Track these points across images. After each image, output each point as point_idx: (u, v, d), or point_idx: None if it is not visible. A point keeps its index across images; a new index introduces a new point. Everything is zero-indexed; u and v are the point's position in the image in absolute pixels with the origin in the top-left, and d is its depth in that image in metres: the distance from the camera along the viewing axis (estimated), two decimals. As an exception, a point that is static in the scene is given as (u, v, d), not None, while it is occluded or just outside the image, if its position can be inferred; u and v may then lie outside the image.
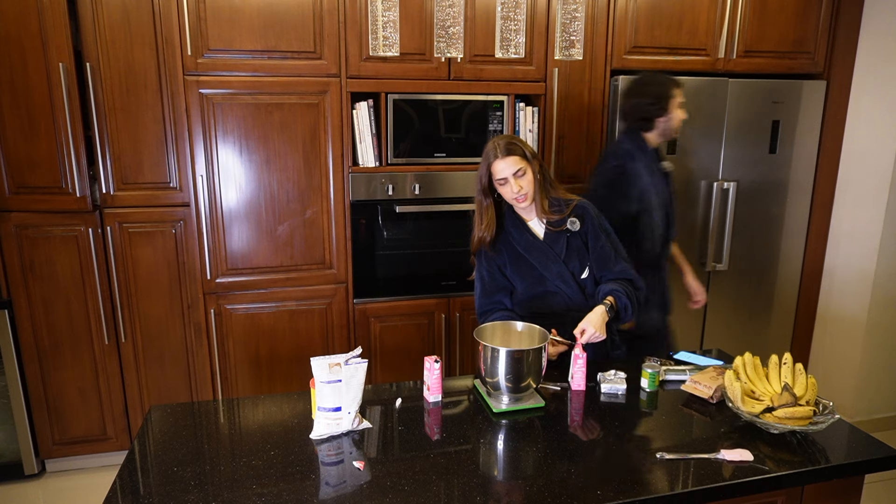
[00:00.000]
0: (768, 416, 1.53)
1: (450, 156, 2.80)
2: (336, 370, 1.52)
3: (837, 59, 3.13)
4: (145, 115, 2.52)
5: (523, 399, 1.70)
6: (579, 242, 1.96)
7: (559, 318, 1.94)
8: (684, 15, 2.91)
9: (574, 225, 1.95)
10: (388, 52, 1.62)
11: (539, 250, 1.95)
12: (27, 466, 2.71)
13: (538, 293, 1.97)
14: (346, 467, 1.42)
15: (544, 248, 1.95)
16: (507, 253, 1.98)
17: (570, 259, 1.95)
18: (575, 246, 1.95)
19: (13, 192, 2.51)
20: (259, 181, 2.62)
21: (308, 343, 2.81)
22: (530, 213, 1.97)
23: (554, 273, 1.94)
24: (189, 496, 1.30)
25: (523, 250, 1.95)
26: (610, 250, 1.96)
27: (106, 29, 2.41)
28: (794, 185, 3.22)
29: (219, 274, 2.66)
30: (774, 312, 3.36)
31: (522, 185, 1.86)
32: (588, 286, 1.98)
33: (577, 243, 1.96)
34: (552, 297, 1.97)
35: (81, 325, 2.66)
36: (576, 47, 1.68)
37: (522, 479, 1.37)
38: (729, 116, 3.05)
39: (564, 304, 1.97)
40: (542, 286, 1.96)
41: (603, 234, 1.97)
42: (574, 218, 1.95)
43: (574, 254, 1.95)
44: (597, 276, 1.98)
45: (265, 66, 2.53)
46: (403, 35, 2.59)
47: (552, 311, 1.97)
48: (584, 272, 1.96)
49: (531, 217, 1.98)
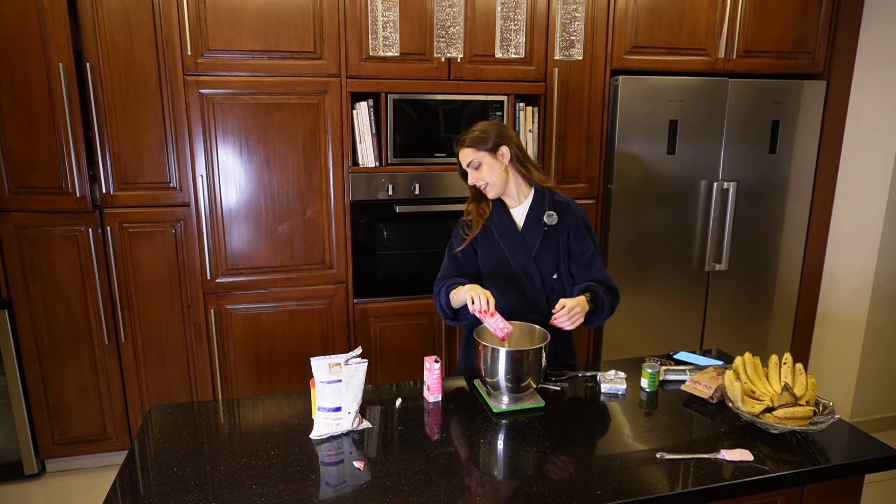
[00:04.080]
0: (768, 416, 1.53)
1: (450, 156, 2.80)
2: (336, 370, 1.52)
3: (837, 59, 3.13)
4: (145, 115, 2.52)
5: (523, 399, 1.70)
6: (557, 241, 1.90)
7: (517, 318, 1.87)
8: (684, 15, 2.91)
9: (550, 218, 1.89)
10: (388, 52, 1.62)
11: (512, 238, 1.91)
12: (27, 466, 2.71)
13: (500, 277, 1.92)
14: (346, 467, 1.42)
15: (517, 238, 1.91)
16: (483, 231, 1.94)
17: (541, 255, 1.90)
18: (552, 244, 1.90)
19: (13, 192, 2.51)
20: (259, 181, 2.62)
21: (308, 343, 2.81)
22: (510, 200, 1.95)
23: (520, 264, 1.90)
24: (189, 496, 1.30)
25: (498, 234, 1.92)
26: (595, 255, 1.92)
27: (106, 29, 2.41)
28: (794, 185, 3.22)
29: (219, 274, 2.66)
30: (774, 312, 3.36)
31: (479, 176, 1.88)
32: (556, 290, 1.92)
33: (555, 242, 1.90)
34: (514, 289, 1.91)
35: (81, 325, 2.66)
36: (576, 47, 1.68)
37: (522, 479, 1.37)
38: (729, 116, 3.05)
39: (524, 302, 1.92)
40: (508, 269, 1.92)
41: (588, 236, 1.93)
42: (551, 212, 1.90)
43: (548, 251, 1.90)
44: (576, 278, 1.92)
45: (265, 66, 2.53)
46: (403, 35, 2.59)
47: (511, 308, 1.91)
48: (554, 273, 1.91)
49: (513, 204, 1.95)
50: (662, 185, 3.04)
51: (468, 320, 1.90)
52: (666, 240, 3.11)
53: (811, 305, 3.37)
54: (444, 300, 1.88)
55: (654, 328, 3.20)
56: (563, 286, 1.93)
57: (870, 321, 3.11)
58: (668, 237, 3.11)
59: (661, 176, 3.03)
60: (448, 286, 1.87)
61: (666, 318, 3.20)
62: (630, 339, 3.17)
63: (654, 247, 3.10)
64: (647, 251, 3.09)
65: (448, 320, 1.93)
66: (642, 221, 3.05)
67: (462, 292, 1.76)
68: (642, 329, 3.18)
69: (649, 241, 3.09)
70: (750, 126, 3.09)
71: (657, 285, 3.15)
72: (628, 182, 3.00)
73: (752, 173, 3.14)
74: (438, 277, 1.97)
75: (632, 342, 3.18)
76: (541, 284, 1.91)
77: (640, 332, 3.18)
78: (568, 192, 2.94)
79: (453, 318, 1.92)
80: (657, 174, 3.02)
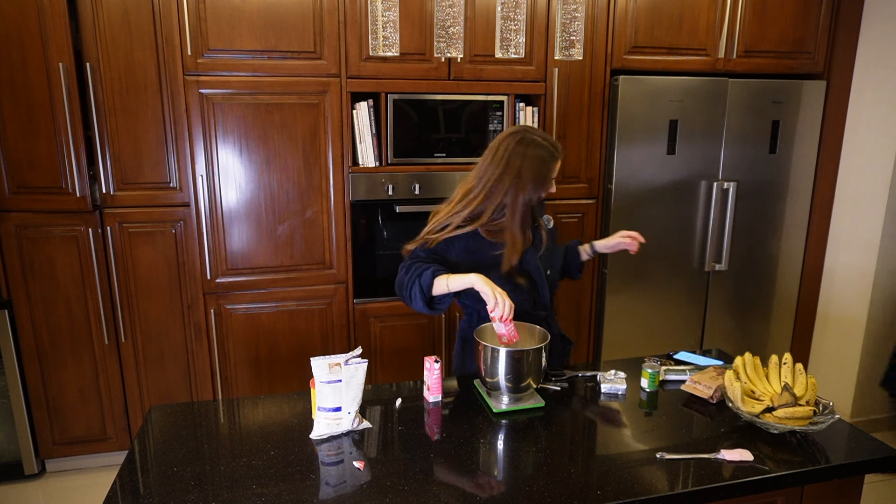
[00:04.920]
0: (768, 416, 1.53)
1: (450, 156, 2.80)
2: (336, 370, 1.52)
3: (837, 59, 3.13)
4: (145, 115, 2.52)
5: (523, 399, 1.70)
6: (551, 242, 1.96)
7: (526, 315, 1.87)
8: (684, 15, 2.91)
9: (549, 223, 1.95)
10: (388, 52, 1.62)
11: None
12: (27, 466, 2.71)
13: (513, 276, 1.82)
14: (346, 467, 1.42)
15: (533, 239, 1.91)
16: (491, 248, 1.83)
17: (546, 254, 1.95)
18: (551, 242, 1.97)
19: (13, 192, 2.51)
20: (259, 181, 2.62)
21: (308, 343, 2.81)
22: None
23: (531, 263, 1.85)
24: (189, 496, 1.30)
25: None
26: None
27: (106, 29, 2.41)
28: (794, 186, 3.22)
29: (219, 274, 2.66)
30: (774, 312, 3.36)
31: None
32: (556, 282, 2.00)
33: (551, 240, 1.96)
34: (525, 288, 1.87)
35: (81, 325, 2.66)
36: (576, 47, 1.68)
37: (522, 479, 1.37)
38: (729, 116, 3.05)
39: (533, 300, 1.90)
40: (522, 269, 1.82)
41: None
42: (549, 216, 1.97)
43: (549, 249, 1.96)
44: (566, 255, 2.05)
45: (265, 66, 2.53)
46: (403, 35, 2.59)
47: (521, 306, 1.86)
48: (547, 270, 1.95)
49: None
50: (662, 185, 3.04)
51: (443, 310, 1.77)
52: (666, 240, 3.11)
53: (811, 305, 3.37)
54: (427, 282, 1.69)
55: (654, 328, 3.20)
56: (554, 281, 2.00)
57: (870, 321, 3.10)
58: (667, 237, 3.11)
59: (661, 176, 3.03)
60: (435, 270, 1.70)
61: (666, 318, 3.20)
62: (630, 339, 3.17)
63: (653, 247, 3.10)
64: (646, 251, 3.08)
65: (417, 305, 1.72)
66: (642, 221, 3.05)
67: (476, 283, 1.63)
68: (642, 329, 3.18)
69: (649, 241, 3.07)
70: (750, 126, 3.09)
71: (657, 285, 3.15)
72: (628, 182, 3.00)
73: (752, 173, 3.14)
74: (413, 260, 1.78)
75: (632, 342, 3.18)
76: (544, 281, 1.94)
77: (640, 332, 3.18)
78: (568, 192, 2.96)
79: (428, 305, 1.73)
80: (657, 174, 3.02)
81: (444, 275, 1.69)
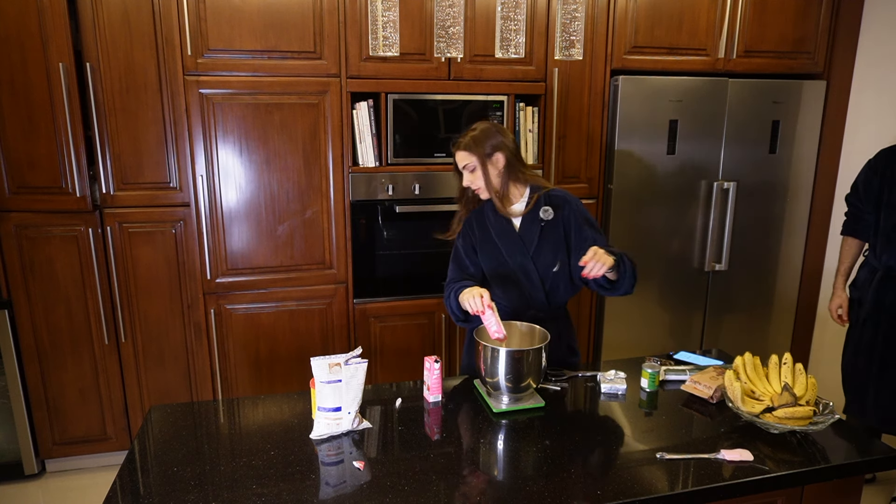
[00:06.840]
0: (768, 416, 1.53)
1: (450, 156, 2.79)
2: (336, 370, 1.52)
3: (837, 59, 3.13)
4: (145, 115, 2.52)
5: (523, 399, 1.70)
6: (557, 234, 1.91)
7: (516, 316, 1.92)
8: (684, 15, 2.91)
9: (546, 213, 1.90)
10: (388, 52, 1.62)
11: (509, 238, 1.92)
12: (27, 466, 2.71)
13: (500, 276, 1.95)
14: (346, 467, 1.42)
15: (514, 238, 1.92)
16: (481, 232, 1.96)
17: (540, 251, 1.91)
18: (551, 238, 1.91)
19: (13, 192, 2.51)
20: (259, 181, 2.62)
21: (308, 343, 2.81)
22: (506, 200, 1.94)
23: (517, 263, 1.92)
24: (189, 496, 1.30)
25: (496, 235, 1.94)
26: (597, 240, 1.86)
27: (106, 29, 2.41)
28: (794, 186, 3.22)
29: (219, 274, 2.66)
30: (774, 312, 3.36)
31: (472, 180, 1.90)
32: (558, 284, 1.93)
33: (554, 235, 1.91)
34: (513, 287, 1.94)
35: (81, 326, 2.66)
36: (576, 47, 1.68)
37: (522, 479, 1.37)
38: (729, 116, 3.05)
39: (524, 299, 1.94)
40: (506, 268, 1.94)
41: (587, 225, 1.91)
42: (547, 206, 1.91)
43: (547, 245, 1.91)
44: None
45: (265, 66, 2.53)
46: (403, 35, 2.59)
47: (512, 305, 1.96)
48: (555, 265, 1.92)
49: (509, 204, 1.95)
50: (662, 185, 3.04)
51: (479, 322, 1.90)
52: (666, 240, 3.11)
53: (811, 305, 3.37)
54: (455, 304, 1.85)
55: (654, 328, 3.20)
56: (567, 278, 1.94)
57: (870, 321, 3.10)
58: (667, 237, 3.11)
59: (661, 176, 3.03)
60: (457, 290, 1.83)
61: (666, 318, 3.20)
62: (630, 339, 3.17)
63: (654, 247, 3.10)
64: (646, 251, 3.09)
65: (460, 322, 1.93)
66: (642, 221, 3.05)
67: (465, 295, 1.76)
68: (642, 329, 3.18)
69: (649, 241, 3.09)
70: (750, 126, 3.09)
71: (657, 285, 3.15)
72: (628, 182, 3.00)
73: (752, 173, 3.14)
74: (448, 281, 1.97)
75: (632, 342, 3.18)
76: (539, 281, 1.93)
77: (640, 332, 3.18)
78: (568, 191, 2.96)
79: (465, 321, 1.91)
80: (657, 174, 3.02)
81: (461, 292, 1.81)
